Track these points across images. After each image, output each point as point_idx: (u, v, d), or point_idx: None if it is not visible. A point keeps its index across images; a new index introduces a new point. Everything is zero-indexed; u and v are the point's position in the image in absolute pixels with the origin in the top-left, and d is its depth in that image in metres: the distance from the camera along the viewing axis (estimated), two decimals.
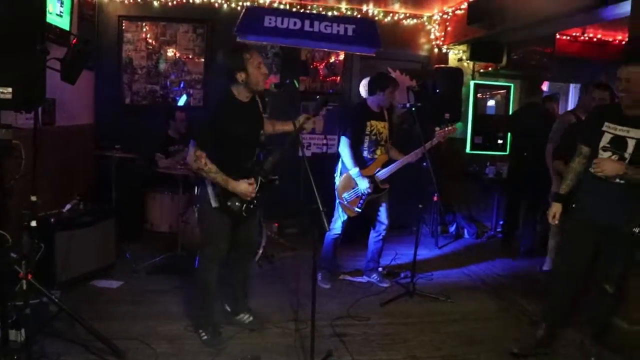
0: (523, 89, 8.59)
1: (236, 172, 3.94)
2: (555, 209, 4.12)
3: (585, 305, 4.30)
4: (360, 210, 5.42)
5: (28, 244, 3.77)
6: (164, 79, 7.87)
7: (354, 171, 5.29)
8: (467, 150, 8.67)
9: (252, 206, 4.09)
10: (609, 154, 3.72)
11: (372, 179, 5.38)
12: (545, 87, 9.69)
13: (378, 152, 5.49)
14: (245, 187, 3.93)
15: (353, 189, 5.38)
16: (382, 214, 5.60)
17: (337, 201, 5.49)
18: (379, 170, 5.44)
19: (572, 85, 10.14)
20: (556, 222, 4.13)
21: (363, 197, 5.36)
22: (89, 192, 6.42)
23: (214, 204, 3.95)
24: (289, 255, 6.50)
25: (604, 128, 3.77)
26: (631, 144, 3.64)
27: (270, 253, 6.31)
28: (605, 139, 3.75)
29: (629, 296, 4.26)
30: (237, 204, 3.99)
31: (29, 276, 3.65)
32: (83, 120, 7.18)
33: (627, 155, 3.64)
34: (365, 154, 5.45)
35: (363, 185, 5.29)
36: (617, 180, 3.64)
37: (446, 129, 5.48)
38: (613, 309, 3.99)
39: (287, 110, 4.07)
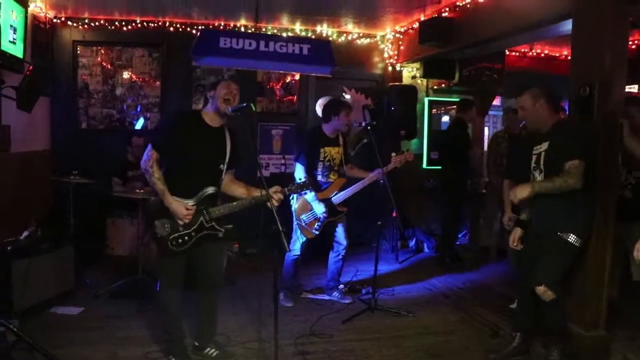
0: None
1: (181, 194, 3.78)
2: (516, 233, 4.35)
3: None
4: (317, 233, 5.50)
5: None
6: (121, 103, 7.86)
7: (309, 196, 5.37)
8: (424, 165, 8.81)
9: (180, 240, 3.80)
10: (536, 172, 4.07)
11: (328, 202, 5.48)
12: (497, 101, 9.97)
13: (332, 176, 5.59)
14: (180, 208, 3.73)
15: (310, 211, 5.45)
16: (340, 234, 5.69)
17: (295, 223, 5.54)
18: (335, 194, 5.54)
19: (518, 99, 10.38)
20: (516, 245, 4.29)
21: (320, 219, 5.44)
22: (46, 218, 6.34)
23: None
24: (250, 276, 6.50)
25: (533, 152, 4.13)
26: (542, 157, 4.02)
27: (232, 274, 6.30)
28: (533, 161, 4.12)
29: (584, 301, 4.40)
30: (165, 227, 3.75)
31: None
32: (39, 145, 7.11)
33: (541, 167, 4.00)
34: (319, 177, 5.54)
35: (319, 209, 5.38)
36: None
37: (402, 155, 5.65)
38: (558, 313, 4.12)
39: (246, 134, 4.04)
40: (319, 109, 6.26)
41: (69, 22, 7.53)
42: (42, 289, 5.01)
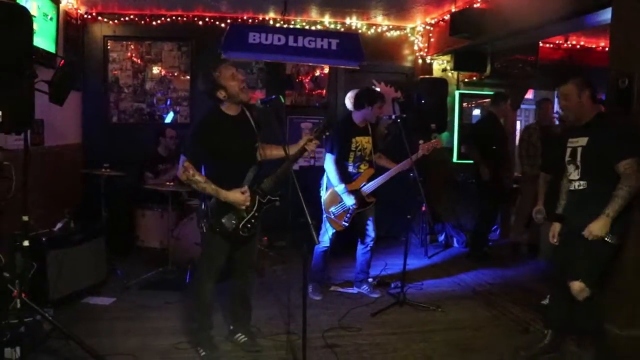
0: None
1: (229, 186, 3.87)
2: (555, 228, 4.23)
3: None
4: (347, 225, 5.47)
5: (21, 263, 3.80)
6: (151, 97, 7.93)
7: (339, 187, 5.34)
8: (454, 159, 8.73)
9: (249, 225, 3.99)
10: (570, 166, 3.98)
11: (358, 193, 5.45)
12: (530, 94, 9.83)
13: (362, 166, 5.55)
14: (236, 195, 3.84)
15: (339, 203, 5.42)
16: (370, 226, 5.65)
17: (324, 215, 5.53)
18: (364, 185, 5.50)
19: (561, 89, 10.22)
20: (555, 240, 4.22)
21: (349, 211, 5.42)
22: (78, 210, 6.43)
23: (203, 228, 4.00)
24: (279, 268, 6.53)
25: (568, 144, 4.02)
26: (579, 152, 3.90)
27: (261, 266, 6.33)
28: (567, 153, 4.01)
29: (620, 300, 4.31)
30: (232, 221, 3.91)
31: (23, 295, 3.68)
32: (71, 139, 7.22)
33: (578, 163, 3.90)
34: (350, 169, 5.51)
35: (349, 200, 5.34)
36: (577, 187, 3.93)
37: (430, 142, 5.58)
38: (594, 312, 4.02)
39: (274, 126, 4.06)
40: (348, 102, 6.22)
41: (100, 18, 7.62)
42: (75, 280, 5.09)
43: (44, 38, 5.76)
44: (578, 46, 8.96)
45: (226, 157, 3.93)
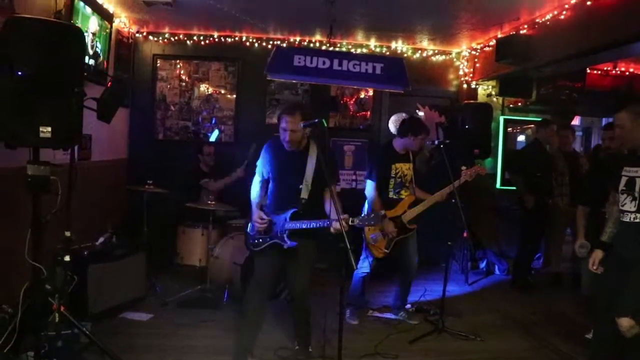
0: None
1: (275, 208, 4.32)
2: (596, 255, 4.10)
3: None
4: (388, 251, 5.43)
5: (61, 277, 3.87)
6: (196, 115, 8.06)
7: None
8: (497, 185, 8.61)
9: (256, 241, 4.35)
10: (624, 196, 3.79)
11: (399, 220, 5.41)
12: (576, 121, 9.65)
13: (404, 192, 5.52)
14: (255, 216, 4.30)
15: (380, 230, 5.39)
16: (411, 254, 5.59)
17: (365, 242, 5.50)
18: (405, 212, 5.47)
19: (604, 120, 10.05)
20: (596, 268, 4.09)
21: (389, 238, 5.38)
22: (121, 225, 6.54)
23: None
24: (318, 291, 6.49)
25: (623, 172, 3.84)
26: (637, 183, 3.71)
27: None
28: (622, 183, 3.83)
29: None
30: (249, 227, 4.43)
31: (62, 308, 3.75)
32: (117, 155, 7.38)
33: (636, 195, 3.70)
34: (391, 194, 5.48)
35: (389, 227, 5.32)
36: (633, 219, 3.73)
37: (473, 168, 5.54)
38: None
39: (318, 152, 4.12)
40: (391, 126, 6.21)
41: (150, 37, 7.82)
42: (114, 294, 5.18)
43: (97, 55, 5.93)
44: (627, 73, 8.77)
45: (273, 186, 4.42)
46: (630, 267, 3.66)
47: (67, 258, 3.82)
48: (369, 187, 5.41)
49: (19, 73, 3.39)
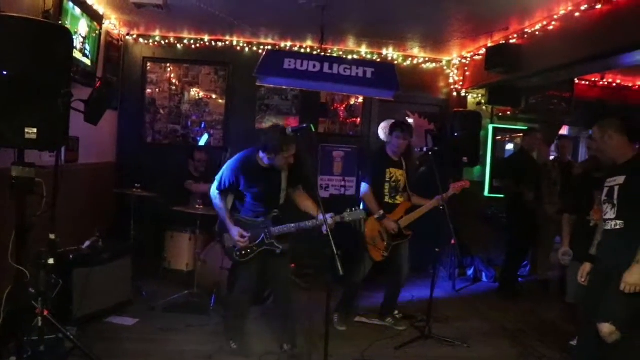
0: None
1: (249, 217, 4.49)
2: (585, 268, 4.17)
3: None
4: (387, 254, 5.44)
5: (44, 281, 3.83)
6: (185, 119, 8.04)
7: (379, 214, 5.32)
8: (486, 193, 8.63)
9: (243, 252, 4.46)
10: (606, 205, 3.89)
11: (396, 224, 5.43)
12: (564, 131, 9.70)
13: (399, 198, 5.54)
14: (235, 233, 4.43)
15: (379, 232, 5.39)
16: (403, 262, 5.60)
17: (365, 245, 5.48)
18: (402, 217, 5.49)
19: (591, 130, 10.09)
20: (584, 280, 4.13)
21: (388, 243, 5.41)
22: (109, 229, 6.50)
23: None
24: (305, 297, 6.46)
25: (605, 184, 3.95)
26: (616, 191, 3.82)
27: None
28: (604, 193, 3.94)
29: None
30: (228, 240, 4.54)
31: (45, 312, 3.71)
32: (105, 158, 7.34)
33: (615, 202, 3.80)
34: (387, 199, 5.48)
35: (390, 224, 5.34)
36: (613, 226, 3.82)
37: (459, 183, 5.62)
38: (625, 356, 3.88)
39: (304, 156, 4.13)
40: (381, 132, 6.20)
41: (141, 40, 7.79)
42: (100, 299, 5.13)
43: (86, 57, 5.90)
44: (614, 84, 8.86)
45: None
46: (612, 274, 3.72)
47: (51, 261, 3.77)
48: (364, 188, 5.44)
49: (4, 72, 3.36)
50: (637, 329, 3.78)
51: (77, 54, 5.52)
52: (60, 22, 4.98)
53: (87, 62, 5.96)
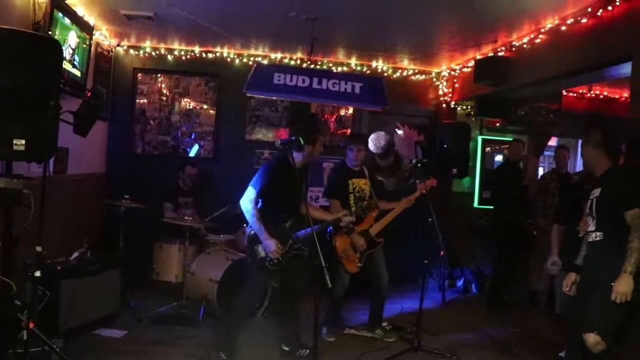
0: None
1: (275, 225, 4.61)
2: (569, 278, 4.18)
3: None
4: (361, 265, 5.45)
5: (30, 293, 3.81)
6: (175, 130, 8.03)
7: (348, 229, 5.38)
8: (475, 204, 8.66)
9: (275, 261, 4.61)
10: (589, 217, 3.96)
11: (366, 234, 5.48)
12: (553, 142, 9.77)
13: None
14: (272, 246, 4.55)
15: (350, 244, 5.42)
16: (381, 270, 5.62)
17: (338, 259, 5.49)
18: (371, 226, 5.53)
19: (579, 141, 10.18)
20: (569, 290, 4.15)
21: (362, 251, 5.41)
22: (97, 240, 6.48)
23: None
24: None
25: (590, 196, 4.00)
26: (594, 203, 3.91)
27: (276, 304, 6.25)
28: (587, 206, 4.01)
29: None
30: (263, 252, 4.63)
31: (31, 325, 3.68)
32: (95, 169, 7.31)
33: (594, 214, 3.88)
34: (354, 209, 5.47)
35: (359, 240, 5.40)
36: (594, 238, 3.89)
37: (427, 182, 5.61)
38: None
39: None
40: (371, 144, 6.23)
41: (131, 51, 7.80)
42: (87, 310, 5.09)
43: (76, 68, 5.89)
44: (601, 96, 8.96)
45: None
46: (597, 285, 3.76)
47: (37, 273, 3.75)
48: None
49: None
50: (620, 339, 3.84)
51: (66, 65, 5.52)
52: (50, 33, 4.98)
53: (77, 73, 5.96)
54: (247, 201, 4.53)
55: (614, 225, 3.75)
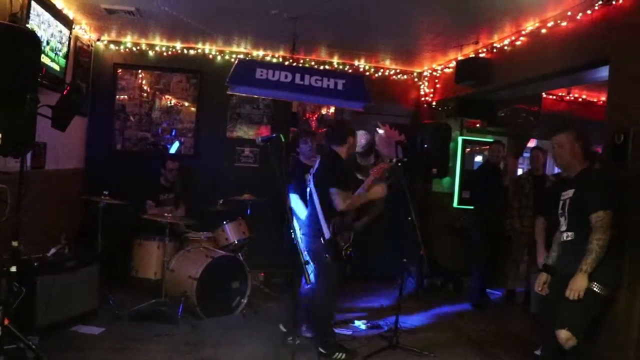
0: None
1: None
2: (541, 278, 4.25)
3: None
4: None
5: (5, 290, 3.76)
6: (156, 127, 7.98)
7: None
8: (455, 204, 8.71)
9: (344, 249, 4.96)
10: (561, 218, 4.05)
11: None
12: (532, 143, 9.86)
13: None
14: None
15: None
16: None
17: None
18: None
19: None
20: (541, 290, 4.21)
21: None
22: (76, 236, 6.42)
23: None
24: (274, 305, 6.46)
25: (561, 197, 4.09)
26: (567, 204, 4.00)
27: (256, 302, 6.27)
28: (559, 206, 4.09)
29: (611, 350, 4.25)
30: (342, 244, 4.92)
31: (6, 321, 3.64)
32: (74, 164, 7.24)
33: (566, 215, 3.98)
34: None
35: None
36: (566, 238, 4.01)
37: (378, 166, 5.55)
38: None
39: (274, 165, 4.12)
40: None
41: (112, 46, 7.73)
42: (65, 307, 5.03)
43: (55, 62, 5.82)
44: (580, 99, 9.08)
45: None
46: (567, 283, 3.84)
47: (13, 269, 3.71)
48: (294, 199, 5.63)
49: None
50: (592, 336, 3.92)
51: (45, 59, 5.45)
52: (28, 26, 4.91)
53: (56, 67, 5.88)
54: (340, 201, 4.75)
55: (585, 226, 3.83)
